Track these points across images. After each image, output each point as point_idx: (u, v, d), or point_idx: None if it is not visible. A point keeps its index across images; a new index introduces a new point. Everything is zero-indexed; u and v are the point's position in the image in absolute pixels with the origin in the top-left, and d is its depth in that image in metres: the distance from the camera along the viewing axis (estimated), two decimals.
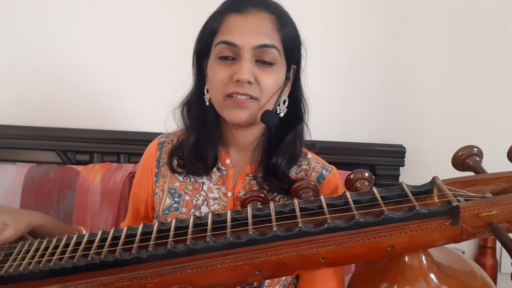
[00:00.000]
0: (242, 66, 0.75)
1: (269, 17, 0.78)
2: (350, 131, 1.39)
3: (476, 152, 0.67)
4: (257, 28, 0.77)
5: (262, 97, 0.78)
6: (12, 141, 1.37)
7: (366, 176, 0.70)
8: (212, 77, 0.79)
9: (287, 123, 0.85)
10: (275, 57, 0.78)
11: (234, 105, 0.77)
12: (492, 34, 1.33)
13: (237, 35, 0.76)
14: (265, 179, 0.84)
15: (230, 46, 0.76)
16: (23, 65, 1.40)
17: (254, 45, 0.75)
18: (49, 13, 1.38)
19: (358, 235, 0.58)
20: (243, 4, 0.78)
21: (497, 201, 0.57)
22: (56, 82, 1.40)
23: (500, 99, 1.36)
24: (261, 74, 0.77)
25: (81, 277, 0.60)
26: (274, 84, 0.79)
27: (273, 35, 0.78)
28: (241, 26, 0.77)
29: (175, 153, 0.87)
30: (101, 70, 1.40)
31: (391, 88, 1.38)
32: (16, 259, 0.66)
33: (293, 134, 0.85)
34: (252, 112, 0.78)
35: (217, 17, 0.80)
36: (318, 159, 0.92)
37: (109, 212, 1.24)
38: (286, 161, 0.84)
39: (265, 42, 0.76)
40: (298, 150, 0.86)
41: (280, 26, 0.79)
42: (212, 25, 0.80)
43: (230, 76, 0.76)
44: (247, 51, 0.75)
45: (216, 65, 0.78)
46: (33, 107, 1.41)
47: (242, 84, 0.76)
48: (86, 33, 1.39)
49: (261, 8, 0.78)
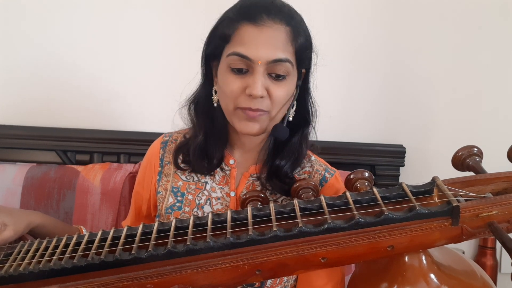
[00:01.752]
0: (255, 82, 0.74)
1: (284, 29, 0.76)
2: (350, 131, 1.39)
3: (476, 152, 0.67)
4: (272, 41, 0.75)
5: (273, 109, 0.78)
6: (12, 141, 1.37)
7: (366, 176, 0.70)
8: (224, 86, 0.78)
9: (294, 126, 0.85)
10: (288, 70, 0.77)
11: (245, 118, 0.77)
12: (492, 34, 1.34)
13: (251, 48, 0.74)
14: (268, 180, 0.85)
15: (243, 59, 0.74)
16: (23, 65, 1.40)
17: (268, 60, 0.74)
18: (49, 13, 1.38)
19: (358, 235, 0.58)
20: (259, 13, 0.75)
21: (497, 201, 0.57)
22: (56, 82, 1.40)
23: (500, 99, 1.36)
24: (273, 87, 0.76)
25: (81, 277, 0.60)
26: (285, 96, 0.78)
27: (287, 48, 0.76)
28: (256, 39, 0.74)
29: (181, 150, 0.88)
30: (101, 70, 1.40)
31: (391, 88, 1.38)
32: (16, 259, 0.66)
33: (299, 137, 0.85)
34: (263, 125, 0.78)
35: (230, 24, 0.77)
36: (321, 161, 0.93)
37: (109, 212, 1.24)
38: (291, 163, 0.85)
39: (279, 57, 0.74)
40: (303, 152, 0.87)
41: (294, 37, 0.77)
42: (224, 32, 0.78)
43: (243, 88, 0.76)
44: (260, 66, 0.74)
45: (228, 75, 0.77)
46: (33, 107, 1.41)
47: (254, 99, 0.75)
48: (86, 33, 1.39)
49: (276, 19, 0.75)
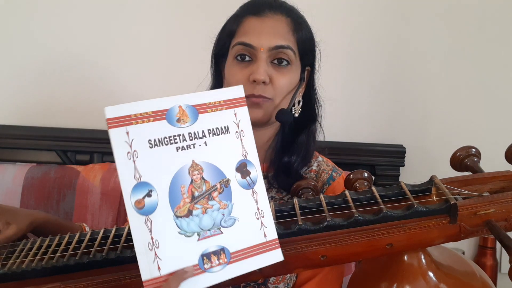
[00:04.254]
0: (258, 67, 0.78)
1: (285, 19, 0.82)
2: (350, 131, 1.39)
3: (474, 153, 0.67)
4: (273, 30, 0.80)
5: (276, 96, 0.81)
6: (12, 141, 1.37)
7: (366, 177, 0.70)
8: (230, 78, 0.82)
9: (301, 124, 0.87)
10: (290, 58, 0.81)
11: (250, 104, 0.78)
12: (492, 34, 1.34)
13: (254, 37, 0.79)
14: (275, 178, 0.86)
15: (247, 47, 0.79)
16: (23, 65, 1.40)
17: (270, 46, 0.79)
18: (49, 13, 1.39)
19: (357, 233, 0.58)
20: (261, 7, 0.82)
21: (494, 199, 0.58)
22: (56, 82, 1.40)
23: (500, 100, 1.36)
24: (276, 75, 0.80)
25: (83, 274, 0.60)
26: (288, 84, 0.81)
27: (288, 37, 0.81)
28: (258, 28, 0.80)
29: None
30: (102, 70, 1.40)
31: (391, 88, 1.38)
32: (19, 256, 0.66)
33: (307, 134, 0.87)
34: (267, 111, 0.81)
35: (235, 20, 0.84)
36: (329, 161, 0.94)
37: (109, 212, 1.24)
38: (300, 159, 0.86)
39: (281, 43, 0.79)
40: (311, 149, 0.89)
41: (295, 28, 0.82)
42: (230, 28, 0.84)
43: (247, 76, 0.79)
44: (263, 52, 0.79)
45: (234, 66, 0.82)
46: (33, 107, 1.41)
47: (258, 85, 0.78)
48: (86, 33, 1.39)
49: (277, 11, 0.82)
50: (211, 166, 0.55)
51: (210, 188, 0.55)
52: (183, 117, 0.55)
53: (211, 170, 0.55)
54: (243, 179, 0.57)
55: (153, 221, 0.51)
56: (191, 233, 0.53)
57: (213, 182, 0.55)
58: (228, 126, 0.57)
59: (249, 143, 0.58)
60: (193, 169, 0.54)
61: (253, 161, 0.57)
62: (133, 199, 0.51)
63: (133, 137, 0.52)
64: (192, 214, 0.53)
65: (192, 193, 0.54)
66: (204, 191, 0.55)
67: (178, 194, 0.53)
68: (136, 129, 0.52)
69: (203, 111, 0.56)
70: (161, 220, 0.52)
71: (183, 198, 0.53)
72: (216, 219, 0.54)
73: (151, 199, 0.52)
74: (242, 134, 0.57)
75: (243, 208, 0.56)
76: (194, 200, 0.54)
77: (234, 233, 0.55)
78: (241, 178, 0.56)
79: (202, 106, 0.56)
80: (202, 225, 0.54)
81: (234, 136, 0.57)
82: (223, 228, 0.54)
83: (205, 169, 0.55)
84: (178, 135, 0.54)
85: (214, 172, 0.55)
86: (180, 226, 0.52)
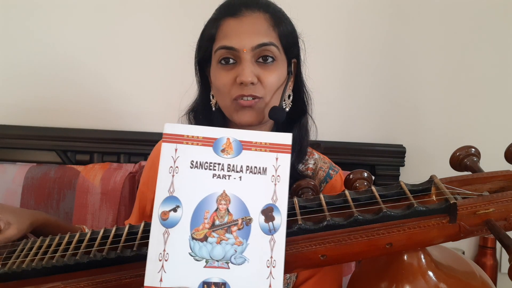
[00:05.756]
0: (243, 68, 0.77)
1: (264, 16, 0.80)
2: (350, 131, 1.39)
3: (474, 152, 0.67)
4: (253, 29, 0.78)
5: (267, 94, 0.79)
6: (12, 141, 1.37)
7: (365, 176, 0.70)
8: (217, 83, 0.81)
9: (293, 118, 0.86)
10: (274, 54, 0.79)
11: (241, 108, 0.79)
12: (491, 34, 1.34)
13: (234, 39, 0.77)
14: None
15: (229, 50, 0.78)
16: (23, 65, 1.41)
17: (253, 45, 0.77)
18: (49, 12, 1.39)
19: (357, 232, 0.58)
20: (237, 7, 0.80)
21: (494, 199, 0.58)
22: (56, 82, 1.41)
23: (500, 99, 1.36)
24: (263, 73, 0.78)
25: (83, 274, 0.60)
26: (276, 80, 0.80)
27: (269, 33, 0.79)
28: (237, 29, 0.78)
29: None
30: (101, 70, 1.40)
31: (391, 88, 1.38)
32: (19, 256, 0.66)
33: (299, 128, 0.87)
34: (260, 111, 0.80)
35: (213, 23, 0.82)
36: (326, 158, 0.93)
37: (109, 212, 1.24)
38: (295, 155, 0.86)
39: (263, 41, 0.78)
40: (305, 143, 0.88)
41: (275, 23, 0.80)
42: (210, 32, 0.82)
43: (234, 79, 0.78)
44: (246, 53, 0.77)
45: (219, 70, 0.80)
46: (33, 107, 1.41)
47: (246, 86, 0.77)
48: (87, 33, 1.39)
49: (255, 8, 0.80)
50: (238, 200, 0.56)
51: (231, 222, 0.56)
52: (228, 149, 0.58)
53: (238, 205, 0.56)
54: (266, 223, 0.56)
55: (171, 234, 0.54)
56: (201, 258, 0.54)
57: (236, 216, 0.56)
58: (266, 168, 0.58)
59: (282, 190, 0.58)
60: (221, 198, 0.56)
61: (281, 209, 0.57)
62: (161, 210, 0.55)
63: (179, 155, 0.57)
64: (207, 240, 0.55)
65: (213, 221, 0.55)
66: (224, 222, 0.56)
67: (200, 217, 0.55)
68: (184, 148, 0.57)
69: (247, 148, 0.58)
70: (177, 236, 0.54)
71: (204, 223, 0.55)
72: (228, 253, 0.55)
73: (175, 214, 0.55)
74: (278, 179, 0.58)
75: (257, 251, 0.55)
76: (213, 227, 0.55)
77: (241, 273, 0.55)
78: (264, 221, 0.56)
79: (248, 143, 0.59)
80: (212, 254, 0.54)
81: (269, 179, 0.58)
82: (232, 264, 0.55)
83: (232, 202, 0.56)
84: (218, 163, 0.57)
85: (239, 207, 0.56)
86: (192, 248, 0.54)
